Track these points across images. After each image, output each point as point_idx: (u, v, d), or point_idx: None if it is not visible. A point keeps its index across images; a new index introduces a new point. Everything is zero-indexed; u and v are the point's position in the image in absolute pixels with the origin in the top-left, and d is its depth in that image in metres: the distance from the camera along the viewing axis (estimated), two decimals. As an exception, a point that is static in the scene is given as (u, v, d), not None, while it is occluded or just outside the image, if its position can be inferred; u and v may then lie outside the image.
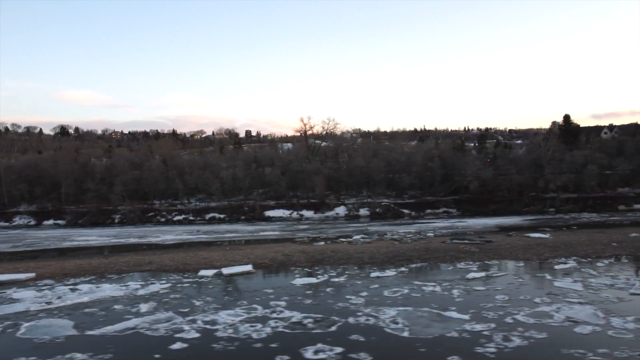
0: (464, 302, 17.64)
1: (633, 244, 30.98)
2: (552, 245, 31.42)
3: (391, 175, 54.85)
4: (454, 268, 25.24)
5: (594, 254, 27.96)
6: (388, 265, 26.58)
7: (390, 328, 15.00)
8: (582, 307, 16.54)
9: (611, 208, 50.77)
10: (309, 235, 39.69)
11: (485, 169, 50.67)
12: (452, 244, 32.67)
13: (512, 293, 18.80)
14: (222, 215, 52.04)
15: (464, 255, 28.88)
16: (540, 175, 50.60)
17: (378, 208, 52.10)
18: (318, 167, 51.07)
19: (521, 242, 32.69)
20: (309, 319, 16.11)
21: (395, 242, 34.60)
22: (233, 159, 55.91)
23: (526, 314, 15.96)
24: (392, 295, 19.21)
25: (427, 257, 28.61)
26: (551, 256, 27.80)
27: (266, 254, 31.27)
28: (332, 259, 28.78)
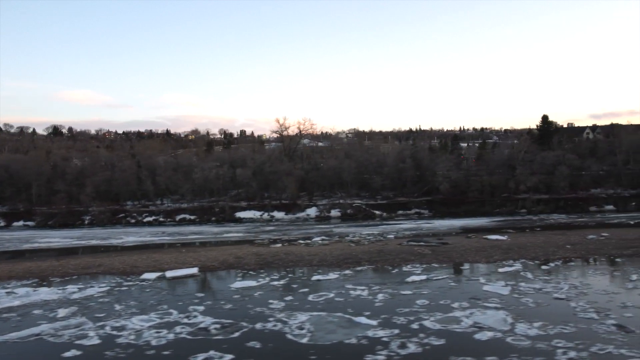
0: (381, 307, 17.49)
1: (587, 246, 30.87)
2: (506, 247, 31.31)
3: (366, 176, 54.64)
4: (399, 271, 25.10)
5: (544, 257, 27.86)
6: (334, 268, 26.44)
7: (293, 334, 14.84)
8: (495, 312, 16.38)
9: (582, 209, 50.66)
10: (271, 237, 39.51)
11: (455, 170, 50.50)
12: (408, 246, 32.54)
13: (436, 297, 18.64)
14: (192, 217, 51.84)
15: (415, 257, 28.73)
16: (512, 176, 50.44)
17: (349, 209, 51.93)
18: (289, 168, 50.81)
19: (477, 244, 32.55)
20: (217, 325, 15.94)
21: (352, 244, 34.43)
22: (205, 160, 55.63)
23: (436, 319, 15.81)
24: (315, 299, 19.05)
25: (377, 259, 28.45)
26: (500, 259, 27.67)
27: (219, 256, 31.12)
28: (283, 262, 28.63)
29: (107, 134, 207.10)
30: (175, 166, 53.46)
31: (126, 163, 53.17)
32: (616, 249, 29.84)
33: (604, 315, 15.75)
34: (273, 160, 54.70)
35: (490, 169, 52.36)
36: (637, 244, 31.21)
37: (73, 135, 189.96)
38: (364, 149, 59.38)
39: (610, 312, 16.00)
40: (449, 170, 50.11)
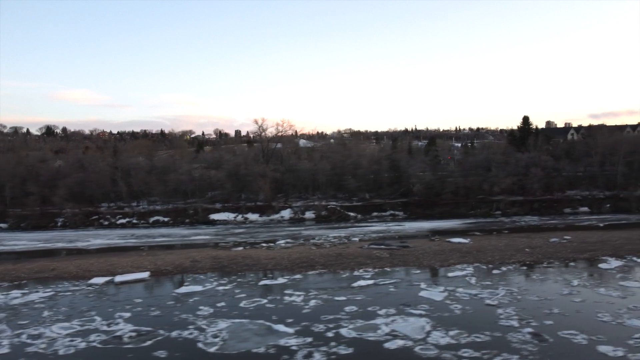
0: (307, 314, 17.34)
1: (546, 249, 30.71)
2: (465, 251, 31.14)
3: (347, 176, 54.37)
4: (349, 275, 24.98)
5: (499, 261, 27.74)
6: (286, 272, 26.31)
7: (205, 343, 14.68)
8: (417, 320, 16.25)
9: (556, 211, 50.50)
10: (237, 240, 39.30)
11: (429, 172, 50.30)
12: (368, 250, 32.31)
13: (367, 304, 18.48)
14: (166, 219, 51.57)
15: (370, 261, 28.56)
16: (486, 177, 50.27)
17: (323, 211, 51.72)
18: (263, 170, 50.59)
19: (438, 248, 32.37)
20: (133, 333, 15.77)
21: (314, 247, 34.22)
22: (182, 162, 55.36)
23: (355, 327, 15.66)
24: (246, 305, 18.90)
25: (332, 263, 28.28)
26: (455, 262, 27.54)
27: (177, 260, 30.88)
28: (238, 266, 28.44)
29: (101, 134, 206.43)
30: (150, 168, 53.17)
31: (100, 165, 52.90)
32: (574, 252, 29.73)
33: (525, 323, 15.63)
34: (249, 162, 54.44)
35: (466, 170, 52.15)
36: (596, 247, 31.07)
37: (67, 135, 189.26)
38: (339, 150, 59.03)
39: (532, 320, 15.88)
40: (422, 172, 49.92)
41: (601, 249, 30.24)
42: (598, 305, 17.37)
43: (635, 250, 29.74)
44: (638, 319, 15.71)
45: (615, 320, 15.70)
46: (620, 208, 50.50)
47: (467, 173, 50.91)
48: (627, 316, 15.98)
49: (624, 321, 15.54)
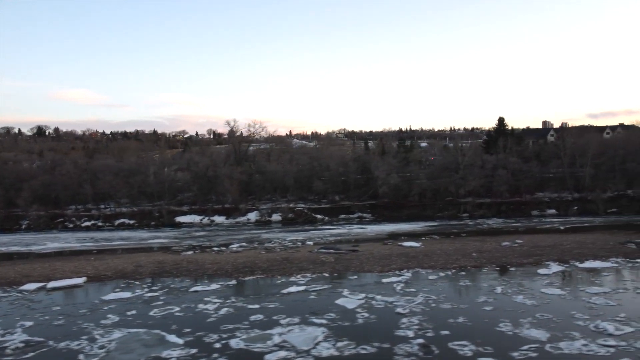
0: (208, 324, 17.12)
1: (493, 254, 30.53)
2: (412, 255, 30.94)
3: (321, 178, 54.07)
4: (284, 281, 24.79)
5: (441, 266, 27.55)
6: (224, 277, 26.12)
7: (87, 354, 14.42)
8: (314, 329, 16.01)
9: (524, 213, 50.35)
10: (192, 244, 38.99)
11: (394, 173, 50.02)
12: (316, 254, 32.08)
13: (277, 312, 18.25)
14: (131, 221, 51.24)
15: (312, 267, 28.32)
16: (453, 179, 50.04)
17: (290, 213, 51.43)
18: (230, 172, 50.25)
19: (386, 252, 32.17)
20: (22, 344, 15.50)
21: (263, 252, 33.93)
22: (149, 164, 55.04)
23: (247, 337, 15.41)
24: (154, 314, 18.64)
25: (274, 268, 28.05)
26: (397, 268, 27.32)
27: (121, 264, 30.65)
28: (179, 271, 28.20)
29: (93, 134, 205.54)
30: (118, 170, 52.83)
31: (65, 167, 52.50)
32: (520, 257, 29.54)
33: (421, 333, 15.38)
34: (218, 164, 54.09)
35: (433, 172, 51.92)
36: (544, 252, 30.90)
37: (58, 135, 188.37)
38: (308, 152, 58.73)
39: (430, 330, 15.63)
40: (387, 174, 49.63)
41: (548, 254, 30.05)
42: (506, 314, 17.12)
43: (582, 254, 29.56)
44: (537, 329, 15.44)
45: (513, 330, 15.44)
46: (588, 210, 50.37)
47: (434, 175, 50.62)
48: (527, 326, 15.72)
49: (521, 331, 15.28)
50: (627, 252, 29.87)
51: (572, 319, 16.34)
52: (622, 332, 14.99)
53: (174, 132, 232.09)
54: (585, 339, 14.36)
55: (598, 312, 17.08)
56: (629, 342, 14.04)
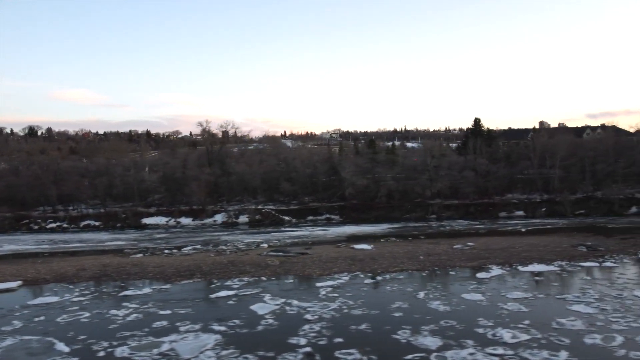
0: (106, 330, 16.88)
1: (440, 257, 30.34)
2: (360, 258, 30.71)
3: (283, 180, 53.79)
4: (219, 285, 24.67)
5: (383, 269, 27.50)
6: (161, 281, 25.97)
7: (-35, 363, 13.99)
8: (209, 336, 15.76)
9: (491, 215, 50.10)
10: (149, 246, 38.72)
11: (360, 174, 49.75)
12: (264, 257, 31.78)
13: (184, 318, 18.04)
14: (97, 223, 50.89)
15: (255, 270, 28.09)
16: (419, 180, 49.79)
17: (257, 215, 51.12)
18: (197, 173, 49.93)
19: (335, 255, 31.93)
20: None
21: (212, 254, 33.64)
22: (114, 166, 54.65)
23: (136, 345, 15.15)
24: (62, 320, 18.38)
25: (215, 271, 27.87)
26: (338, 271, 27.14)
27: (65, 267, 30.40)
28: (119, 274, 27.94)
29: (86, 135, 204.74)
30: (84, 172, 52.47)
31: (31, 168, 52.13)
32: (466, 260, 29.34)
33: (314, 341, 15.15)
34: (188, 165, 53.73)
35: (403, 173, 51.62)
36: (492, 255, 30.72)
37: (50, 135, 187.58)
38: (276, 153, 58.40)
39: (325, 337, 15.40)
40: (353, 176, 49.33)
41: (496, 257, 29.85)
42: (411, 321, 16.90)
43: (529, 258, 29.41)
44: (434, 336, 15.21)
45: (409, 337, 15.22)
46: (556, 212, 50.18)
47: (401, 176, 50.33)
48: (425, 334, 15.47)
49: (416, 339, 15.04)
50: (574, 255, 29.68)
51: (475, 326, 16.07)
52: (516, 340, 14.73)
53: (168, 132, 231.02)
54: (475, 348, 14.10)
55: (505, 319, 16.83)
56: (517, 351, 13.79)
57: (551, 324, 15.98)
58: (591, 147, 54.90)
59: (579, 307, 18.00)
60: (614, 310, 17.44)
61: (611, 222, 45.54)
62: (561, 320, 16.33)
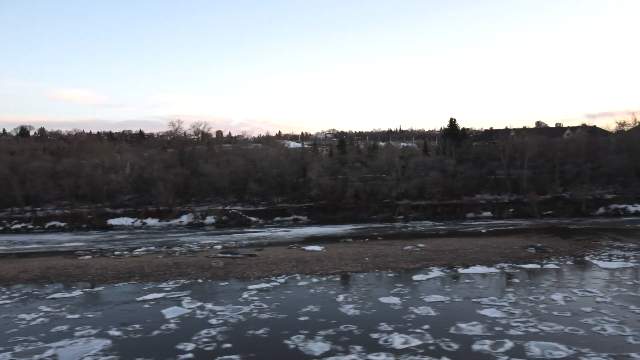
0: (11, 333, 16.49)
1: (386, 259, 30.15)
2: (306, 260, 30.58)
3: (251, 181, 53.51)
4: (152, 287, 24.60)
5: (324, 271, 27.50)
6: (99, 283, 26.15)
7: None
8: (99, 342, 15.75)
9: (458, 216, 49.80)
10: (102, 248, 38.41)
11: (329, 175, 49.46)
12: (211, 259, 31.52)
13: (91, 322, 17.90)
14: (63, 224, 50.55)
15: (196, 272, 27.94)
16: (385, 181, 49.55)
17: (224, 216, 50.83)
18: (164, 174, 49.64)
19: (283, 257, 31.72)
20: None
21: (160, 256, 33.38)
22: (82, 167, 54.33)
23: (20, 351, 15.08)
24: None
25: (155, 274, 27.74)
26: (279, 273, 27.12)
27: (6, 269, 30.39)
28: (60, 276, 27.85)
29: (79, 135, 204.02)
30: (52, 172, 52.20)
31: (0, 168, 51.87)
32: (411, 262, 29.19)
33: (202, 347, 15.02)
34: (156, 165, 53.46)
35: (368, 173, 51.38)
36: (439, 256, 30.53)
37: (43, 135, 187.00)
38: (243, 153, 58.13)
39: (215, 344, 15.40)
40: (319, 177, 49.04)
41: (441, 258, 29.68)
42: (312, 325, 16.73)
43: (475, 259, 29.28)
44: (325, 342, 15.07)
45: (301, 343, 15.12)
46: (523, 213, 49.88)
47: (368, 177, 50.09)
48: (318, 339, 15.37)
49: (306, 345, 14.92)
50: (521, 257, 29.51)
51: (373, 331, 15.89)
52: (406, 345, 14.59)
53: (161, 133, 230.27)
54: (359, 354, 13.97)
55: (407, 323, 16.65)
56: (398, 358, 13.58)
57: (449, 329, 15.80)
58: (561, 147, 54.67)
59: (488, 311, 17.82)
60: (522, 314, 17.25)
61: (576, 223, 45.27)
62: (461, 325, 16.14)
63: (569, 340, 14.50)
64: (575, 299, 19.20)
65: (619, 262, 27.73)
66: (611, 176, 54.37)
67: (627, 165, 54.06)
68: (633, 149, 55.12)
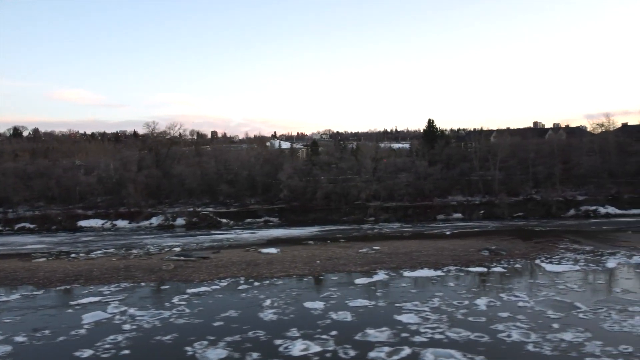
0: None
1: (337, 262, 30.08)
2: (257, 263, 30.56)
3: (222, 182, 53.38)
4: (93, 290, 24.67)
5: (271, 274, 27.26)
6: (41, 287, 25.79)
7: None
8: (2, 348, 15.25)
9: (428, 217, 49.72)
10: (62, 250, 38.32)
11: (295, 177, 49.31)
12: (162, 261, 31.40)
13: (2, 329, 17.48)
14: (32, 226, 50.42)
15: (143, 275, 27.95)
16: (354, 183, 49.45)
17: (195, 217, 50.69)
18: (134, 175, 49.48)
19: (236, 259, 31.65)
20: None
21: (114, 259, 33.23)
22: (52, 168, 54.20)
23: None
24: None
25: (102, 277, 27.74)
26: (225, 276, 27.08)
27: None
28: (7, 280, 28.08)
29: (72, 135, 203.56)
30: (22, 174, 52.04)
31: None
32: (360, 264, 29.20)
33: (99, 354, 14.97)
34: (129, 166, 53.31)
35: (338, 175, 51.25)
36: (391, 259, 30.55)
37: (36, 136, 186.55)
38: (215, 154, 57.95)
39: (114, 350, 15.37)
40: (288, 178, 48.89)
41: (391, 261, 29.71)
42: (223, 331, 16.66)
43: (425, 262, 29.29)
44: (227, 348, 14.92)
45: (199, 350, 15.02)
46: (494, 214, 49.83)
47: (338, 178, 49.98)
48: (222, 345, 15.20)
49: (204, 352, 14.78)
50: (472, 260, 29.45)
51: (280, 337, 15.87)
52: (304, 352, 14.68)
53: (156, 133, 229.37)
54: None
55: (318, 329, 16.67)
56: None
57: (356, 335, 15.72)
58: (534, 148, 54.56)
59: (406, 316, 17.73)
60: (436, 320, 17.15)
61: (544, 224, 45.21)
62: (370, 331, 16.04)
63: (468, 347, 14.40)
64: (498, 304, 19.09)
65: (567, 265, 27.68)
66: (584, 178, 54.28)
67: (600, 167, 54.00)
68: (605, 150, 55.06)
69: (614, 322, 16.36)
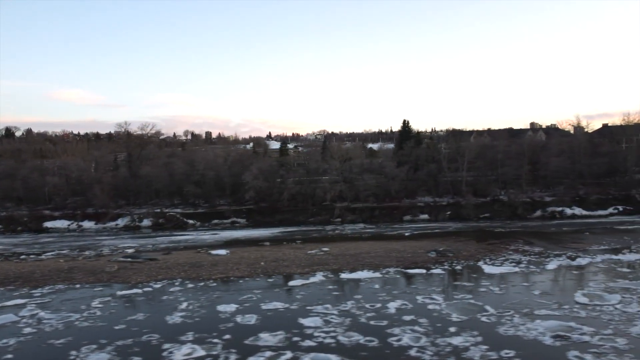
0: None
1: (281, 263, 29.99)
2: (202, 265, 30.65)
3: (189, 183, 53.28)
4: (25, 292, 24.95)
5: (210, 276, 27.33)
6: None
7: None
8: None
9: (395, 218, 49.63)
10: (16, 252, 38.27)
11: (261, 178, 49.23)
12: (108, 263, 31.31)
13: None
14: (-3, 227, 50.40)
15: (84, 276, 28.08)
16: (319, 183, 49.38)
17: (161, 218, 50.60)
18: (99, 176, 49.41)
19: (182, 261, 31.63)
20: None
21: (61, 260, 33.18)
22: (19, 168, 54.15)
23: None
24: None
25: (43, 278, 27.72)
26: (164, 278, 27.20)
27: None
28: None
29: (65, 136, 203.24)
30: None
31: None
32: (304, 266, 29.29)
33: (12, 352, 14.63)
34: (98, 167, 53.22)
35: (304, 176, 51.18)
36: (337, 261, 30.62)
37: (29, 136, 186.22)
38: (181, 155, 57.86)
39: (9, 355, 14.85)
40: (254, 179, 48.81)
41: (335, 263, 29.84)
42: (120, 334, 16.57)
43: (368, 264, 29.35)
44: (112, 353, 14.79)
45: (84, 353, 14.89)
46: (460, 215, 49.77)
47: (304, 179, 49.92)
48: (109, 349, 15.16)
49: (88, 355, 14.69)
50: (416, 262, 29.55)
51: (174, 341, 15.87)
52: (186, 357, 14.60)
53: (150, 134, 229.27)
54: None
55: (214, 332, 16.62)
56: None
57: (248, 339, 15.65)
58: (502, 150, 54.48)
59: (309, 319, 17.75)
60: (338, 324, 17.15)
61: (507, 226, 45.17)
62: (264, 335, 16.11)
63: (351, 352, 14.37)
64: (409, 307, 19.03)
65: (508, 267, 27.69)
66: (553, 179, 54.23)
67: (570, 168, 53.93)
68: (576, 151, 55.00)
69: (511, 326, 16.31)
